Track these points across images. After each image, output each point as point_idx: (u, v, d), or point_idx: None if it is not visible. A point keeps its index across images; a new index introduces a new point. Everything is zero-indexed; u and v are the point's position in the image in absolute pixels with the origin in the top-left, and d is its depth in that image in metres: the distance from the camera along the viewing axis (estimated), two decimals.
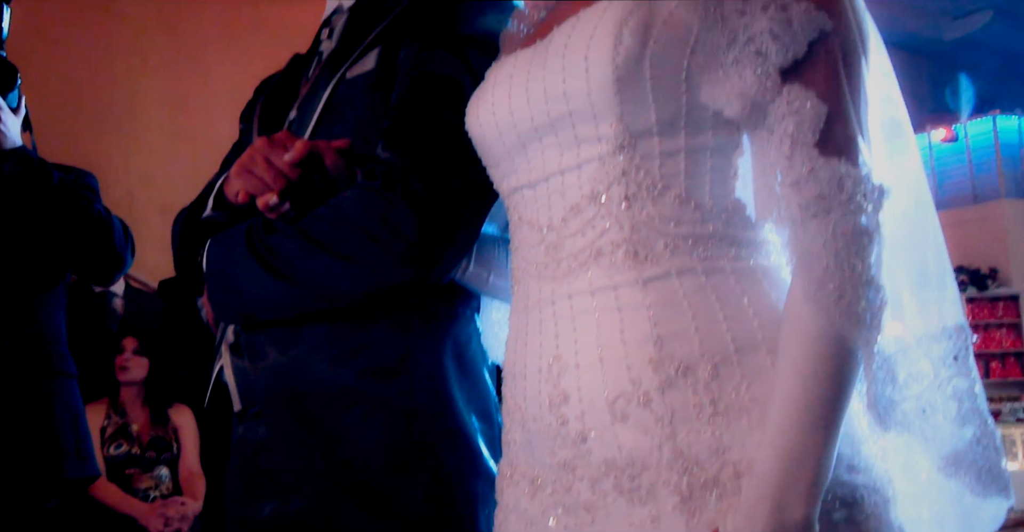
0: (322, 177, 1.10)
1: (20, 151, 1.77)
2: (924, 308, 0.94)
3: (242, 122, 1.43)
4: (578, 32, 0.89)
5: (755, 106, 0.83)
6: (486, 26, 1.17)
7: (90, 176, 2.04)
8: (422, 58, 1.14)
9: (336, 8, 1.33)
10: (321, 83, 1.23)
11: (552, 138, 0.92)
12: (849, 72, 0.84)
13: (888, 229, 0.83)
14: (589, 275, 0.89)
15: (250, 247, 1.12)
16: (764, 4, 0.83)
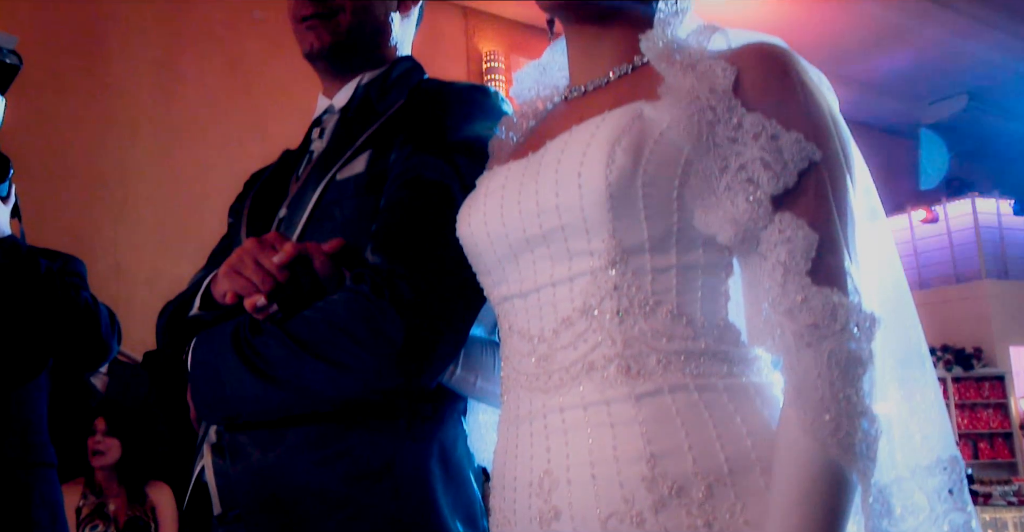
0: (311, 279, 1.10)
1: (8, 240, 1.76)
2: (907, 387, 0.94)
3: (231, 216, 1.43)
4: (571, 147, 0.90)
5: (747, 233, 0.85)
6: (475, 133, 1.19)
7: (77, 262, 2.03)
8: (412, 163, 1.15)
9: (327, 108, 1.35)
10: (311, 183, 1.24)
11: (544, 250, 0.93)
12: (837, 197, 0.86)
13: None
14: (581, 389, 0.88)
15: (236, 347, 1.11)
16: (755, 133, 0.85)
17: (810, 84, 0.90)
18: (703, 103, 0.86)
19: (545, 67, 1.18)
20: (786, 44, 0.94)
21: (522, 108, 1.17)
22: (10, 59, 1.78)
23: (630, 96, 0.94)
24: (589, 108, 0.98)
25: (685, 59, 0.92)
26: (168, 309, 1.30)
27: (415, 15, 1.41)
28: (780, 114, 0.86)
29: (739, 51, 0.92)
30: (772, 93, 0.87)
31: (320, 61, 1.32)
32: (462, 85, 1.28)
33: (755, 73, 0.88)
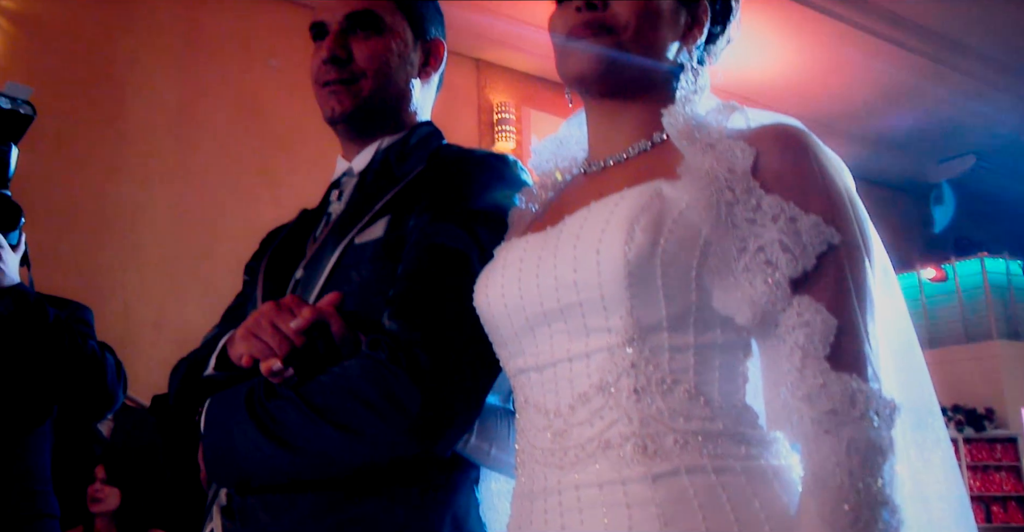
0: (327, 344, 1.10)
1: (17, 289, 1.77)
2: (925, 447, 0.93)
3: (247, 274, 1.44)
4: (590, 223, 0.91)
5: (766, 315, 0.85)
6: (495, 202, 1.20)
7: (85, 310, 2.04)
8: (431, 230, 1.16)
9: (346, 171, 1.37)
10: (329, 246, 1.24)
11: (561, 324, 0.93)
12: (856, 280, 0.86)
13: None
14: (597, 467, 0.88)
15: (250, 411, 1.11)
16: (774, 215, 0.85)
17: (828, 166, 0.91)
18: (722, 184, 0.87)
19: (563, 140, 1.20)
20: (803, 125, 0.96)
21: (541, 179, 1.18)
22: (24, 110, 1.82)
23: (649, 173, 0.95)
24: (608, 183, 0.99)
25: (705, 138, 0.93)
26: (182, 366, 1.30)
27: (435, 81, 1.43)
28: (799, 196, 0.87)
29: (758, 132, 0.93)
30: (790, 175, 0.88)
31: (341, 125, 1.34)
32: (481, 153, 1.29)
33: (774, 155, 0.89)
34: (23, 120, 1.80)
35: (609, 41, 1.00)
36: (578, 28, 1.01)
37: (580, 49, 1.01)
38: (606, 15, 1.01)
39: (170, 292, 4.37)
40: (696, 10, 1.07)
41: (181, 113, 4.57)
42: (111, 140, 4.33)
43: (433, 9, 1.42)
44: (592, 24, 1.00)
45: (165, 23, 4.56)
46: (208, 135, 4.63)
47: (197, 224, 4.51)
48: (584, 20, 1.01)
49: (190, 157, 4.56)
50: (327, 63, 1.31)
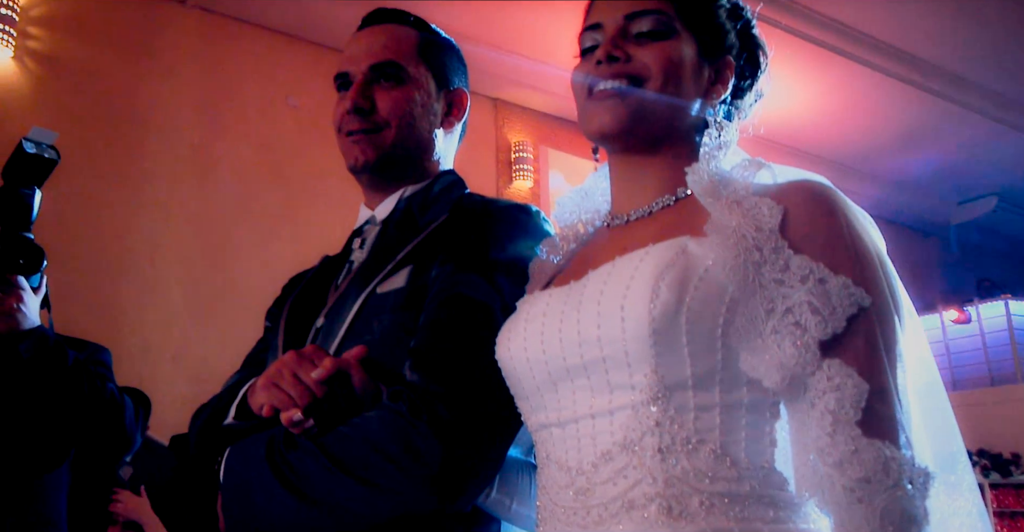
0: (348, 395, 1.10)
1: (37, 331, 1.79)
2: (951, 490, 0.92)
3: (268, 320, 1.44)
4: (615, 279, 0.91)
5: (794, 378, 0.84)
6: (517, 253, 1.20)
7: (104, 351, 2.04)
8: (454, 280, 1.16)
9: (369, 219, 1.37)
10: (351, 294, 1.24)
11: (584, 380, 0.92)
12: (887, 343, 0.85)
13: None
14: (620, 528, 0.87)
15: (270, 462, 1.10)
16: (802, 276, 0.84)
17: (857, 226, 0.90)
18: (749, 243, 0.86)
19: (587, 192, 1.20)
20: (830, 183, 0.95)
21: (563, 231, 1.18)
22: (49, 154, 1.84)
23: (674, 229, 0.95)
24: (632, 238, 0.99)
25: (731, 195, 0.93)
26: (203, 413, 1.30)
27: (458, 130, 1.44)
28: (828, 257, 0.86)
29: (785, 189, 0.93)
30: (819, 235, 0.87)
31: (364, 175, 1.35)
32: (504, 203, 1.29)
33: (802, 213, 0.89)
34: (47, 164, 1.83)
35: (631, 96, 1.01)
36: (600, 82, 1.02)
37: (603, 106, 1.01)
38: (629, 67, 1.02)
39: (189, 329, 4.38)
40: (720, 65, 1.07)
41: (201, 151, 4.61)
42: (133, 177, 4.37)
43: (456, 59, 1.43)
44: (615, 76, 1.01)
45: (187, 63, 4.63)
46: (228, 173, 4.67)
47: (216, 261, 4.53)
48: (607, 73, 1.01)
49: (210, 195, 4.60)
50: (351, 113, 1.32)
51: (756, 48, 1.14)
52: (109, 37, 4.41)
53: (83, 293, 4.04)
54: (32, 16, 4.19)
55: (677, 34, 1.04)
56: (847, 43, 5.33)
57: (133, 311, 4.28)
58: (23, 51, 4.13)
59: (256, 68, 4.84)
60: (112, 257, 4.26)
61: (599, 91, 1.02)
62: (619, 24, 1.04)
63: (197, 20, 4.67)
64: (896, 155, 6.80)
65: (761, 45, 1.14)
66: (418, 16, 1.42)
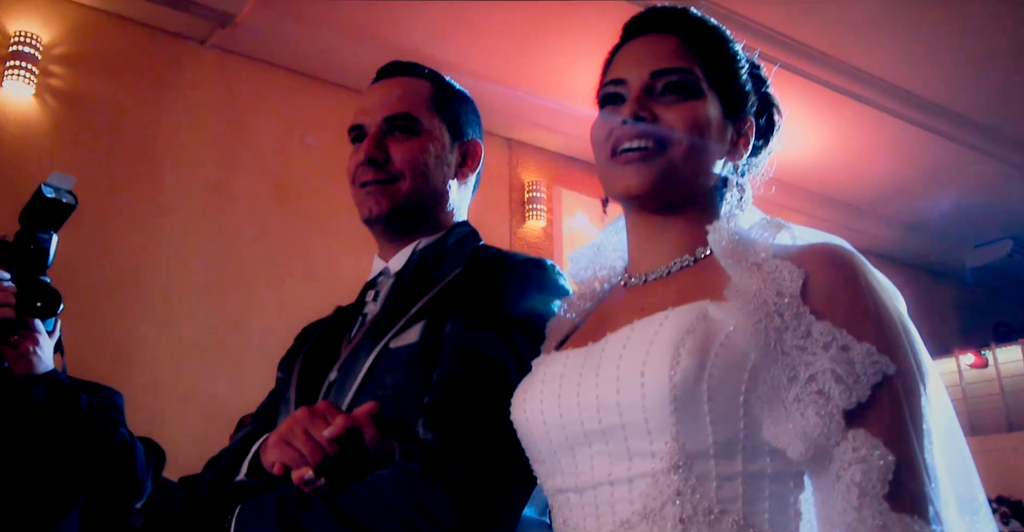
0: (360, 453, 1.08)
1: (51, 375, 1.78)
2: None
3: (280, 371, 1.42)
4: (634, 343, 0.89)
5: (819, 449, 0.81)
6: (532, 308, 1.19)
7: (116, 395, 2.03)
8: (468, 336, 1.15)
9: (383, 271, 1.36)
10: (364, 349, 1.23)
11: (602, 446, 0.90)
12: (913, 412, 0.83)
13: None
14: None
15: (281, 520, 1.08)
16: (825, 343, 0.83)
17: (879, 291, 0.89)
18: (770, 308, 0.85)
19: (600, 247, 1.19)
20: (851, 246, 0.94)
21: (580, 288, 1.16)
22: (67, 199, 1.85)
23: (694, 292, 0.93)
24: (651, 300, 0.97)
25: (751, 257, 0.91)
26: (214, 467, 1.28)
27: (472, 181, 1.43)
28: (850, 323, 0.84)
29: (806, 252, 0.91)
30: (841, 301, 0.86)
31: (378, 226, 1.34)
32: (519, 257, 1.28)
33: (823, 278, 0.87)
34: (65, 209, 1.84)
35: (658, 157, 1.00)
36: (626, 141, 1.01)
37: (630, 168, 1.00)
38: (655, 129, 1.00)
39: (200, 367, 4.37)
40: (742, 126, 1.07)
41: (217, 188, 4.65)
42: (150, 214, 4.40)
43: (470, 111, 1.43)
44: (641, 137, 1.00)
45: (205, 101, 4.68)
46: (244, 211, 4.69)
47: (230, 299, 4.54)
48: (633, 133, 1.00)
49: (225, 232, 4.62)
50: (365, 164, 1.32)
51: (772, 107, 1.14)
52: (129, 75, 4.47)
53: (96, 328, 4.05)
54: (54, 54, 4.25)
55: (703, 94, 1.03)
56: (862, 87, 5.35)
57: (145, 347, 4.29)
58: (44, 88, 4.19)
59: (273, 107, 4.89)
60: (126, 292, 4.27)
61: (624, 151, 1.01)
62: (645, 81, 1.03)
63: (216, 60, 4.73)
64: (912, 198, 6.79)
65: (776, 104, 1.15)
66: (432, 68, 1.42)
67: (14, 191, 3.66)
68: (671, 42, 1.05)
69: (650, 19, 1.09)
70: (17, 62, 4.03)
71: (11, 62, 4.03)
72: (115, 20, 4.43)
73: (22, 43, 4.06)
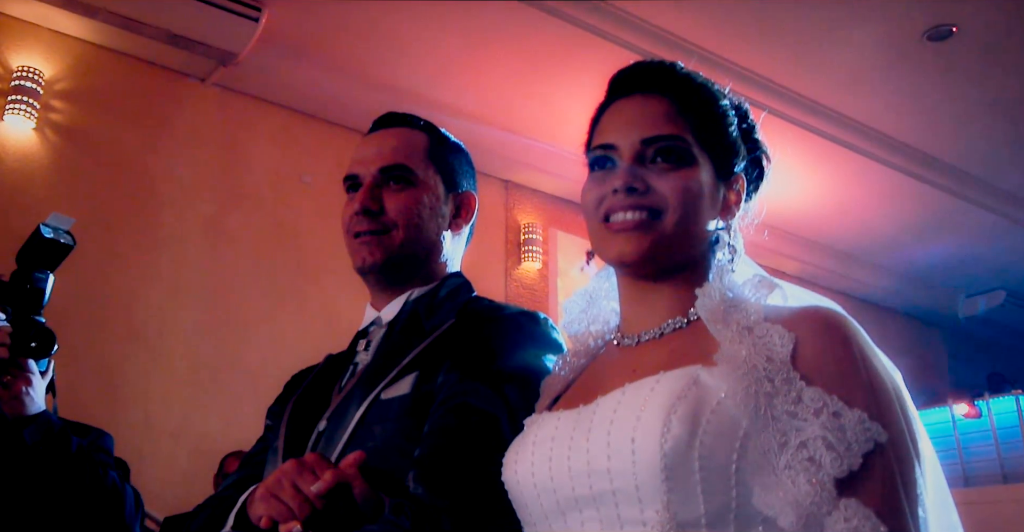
0: (349, 507, 1.07)
1: (43, 417, 1.77)
2: None
3: (269, 418, 1.42)
4: (625, 408, 0.89)
5: (810, 517, 0.80)
6: (525, 362, 1.19)
7: (106, 437, 2.02)
8: (460, 389, 1.14)
9: (375, 320, 1.36)
10: (355, 399, 1.23)
11: (593, 512, 0.89)
12: (905, 481, 0.82)
13: None
14: None
15: None
16: (816, 409, 0.82)
17: (872, 357, 0.88)
18: (760, 373, 0.84)
19: (592, 296, 1.18)
20: (843, 310, 0.94)
21: (574, 343, 1.16)
22: (65, 239, 1.86)
23: (685, 355, 0.93)
24: (643, 361, 0.97)
25: (742, 319, 0.91)
26: (200, 516, 1.27)
27: (466, 233, 1.44)
28: (842, 390, 0.83)
29: (797, 316, 0.91)
30: (833, 366, 0.85)
31: (371, 275, 1.35)
32: (512, 310, 1.29)
33: (814, 343, 0.86)
34: (63, 249, 1.85)
35: (652, 228, 0.99)
36: (619, 212, 1.00)
37: (622, 236, 1.00)
38: (648, 200, 1.00)
39: (192, 402, 4.33)
40: (734, 183, 1.06)
41: (215, 225, 4.65)
42: (146, 249, 4.39)
43: (465, 163, 1.44)
44: (634, 208, 0.99)
45: (205, 138, 4.70)
46: (239, 247, 4.69)
47: (223, 335, 4.52)
48: (626, 204, 0.99)
49: (220, 268, 4.61)
50: (359, 214, 1.33)
51: (760, 153, 1.12)
52: (130, 111, 4.49)
53: (88, 361, 4.03)
54: (56, 90, 4.28)
55: (695, 160, 1.02)
56: (853, 136, 5.41)
57: (136, 383, 4.25)
58: (45, 123, 4.21)
59: (272, 145, 4.92)
60: (119, 326, 4.25)
61: (618, 221, 1.00)
62: (636, 149, 1.02)
63: (216, 97, 4.76)
64: (904, 247, 6.82)
65: (765, 150, 1.13)
66: (428, 120, 1.44)
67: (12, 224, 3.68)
68: (661, 105, 1.04)
69: (638, 78, 1.08)
70: (19, 96, 4.06)
71: (12, 96, 4.05)
72: (117, 57, 4.47)
73: (24, 77, 4.09)
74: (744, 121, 1.12)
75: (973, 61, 4.72)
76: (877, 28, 4.47)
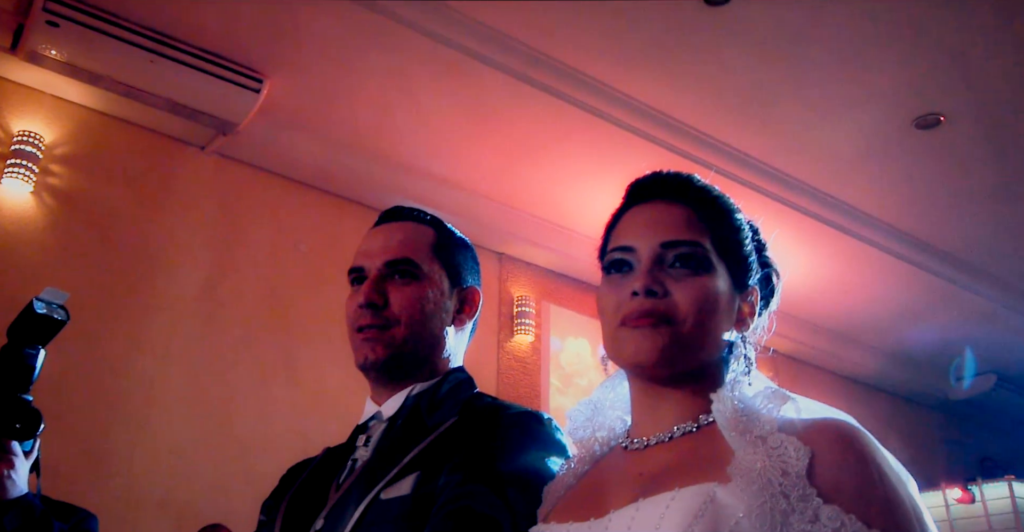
0: None
1: (24, 501, 1.72)
2: None
3: (263, 513, 1.39)
4: (639, 526, 0.87)
5: None
6: (528, 464, 1.17)
7: (91, 519, 1.97)
8: (462, 491, 1.12)
9: (375, 415, 1.34)
10: (353, 498, 1.20)
11: None
12: None
13: None
14: None
15: None
16: (834, 529, 0.81)
17: (890, 474, 0.87)
18: (776, 489, 0.83)
19: (597, 405, 1.17)
20: (858, 424, 0.93)
21: (579, 449, 1.15)
22: (58, 315, 1.83)
23: (697, 465, 0.91)
24: (652, 468, 0.96)
25: (756, 429, 0.90)
26: None
27: (469, 328, 1.43)
28: (860, 508, 0.82)
29: (812, 429, 0.90)
30: (850, 484, 0.84)
31: (372, 372, 1.33)
32: (515, 410, 1.27)
33: (831, 458, 0.85)
34: (55, 325, 1.82)
35: (668, 333, 0.99)
36: (636, 316, 1.00)
37: (639, 337, 0.99)
38: (666, 305, 1.00)
39: (176, 475, 4.25)
40: (748, 295, 1.07)
41: (209, 292, 4.63)
42: (138, 315, 4.36)
43: (470, 258, 1.45)
44: (652, 313, 0.99)
45: (201, 205, 4.71)
46: (231, 315, 4.66)
47: (212, 404, 4.46)
48: (644, 309, 0.99)
49: (211, 335, 4.58)
50: (363, 307, 1.32)
51: (771, 270, 1.14)
52: (128, 177, 4.52)
53: (74, 428, 3.96)
54: (55, 154, 4.30)
55: (713, 268, 1.03)
56: (848, 221, 5.49)
57: (122, 450, 4.18)
58: (42, 187, 4.22)
59: (268, 213, 4.93)
60: (107, 393, 4.19)
61: (634, 325, 1.00)
62: (656, 251, 1.03)
63: (214, 165, 4.79)
64: (894, 329, 6.85)
65: (775, 267, 1.15)
66: (434, 214, 1.44)
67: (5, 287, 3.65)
68: (681, 212, 1.05)
69: (658, 186, 1.10)
70: (17, 160, 4.07)
71: (12, 160, 4.07)
72: (118, 123, 4.51)
73: (24, 142, 4.11)
74: (756, 236, 1.14)
75: (961, 149, 4.82)
76: (868, 115, 4.56)
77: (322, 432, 1.52)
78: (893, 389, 7.69)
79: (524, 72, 4.25)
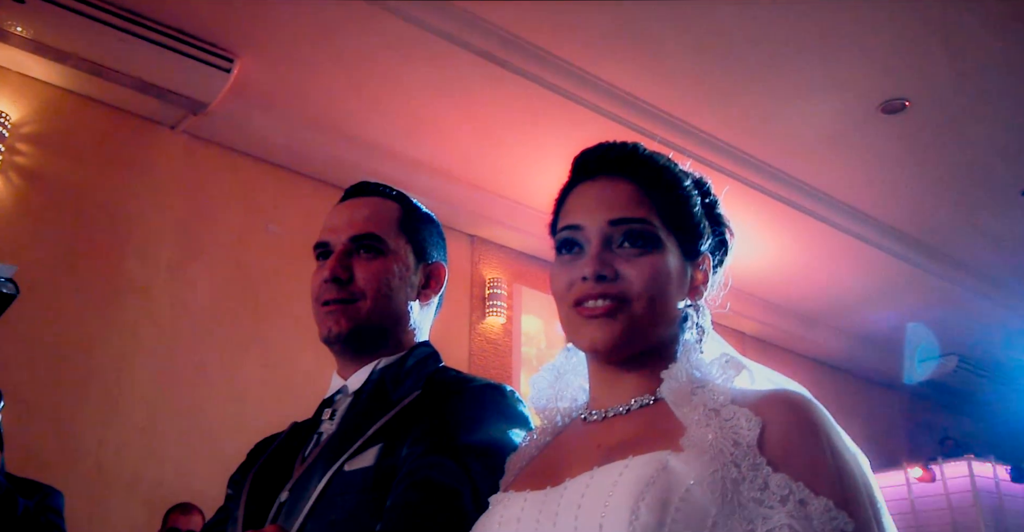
0: None
1: None
2: None
3: (230, 487, 1.40)
4: (593, 492, 0.88)
5: None
6: (490, 436, 1.19)
7: (56, 496, 1.97)
8: (423, 462, 1.14)
9: (341, 389, 1.36)
10: (318, 470, 1.22)
11: None
12: None
13: None
14: None
15: None
16: (782, 496, 0.82)
17: (839, 444, 0.88)
18: (727, 458, 0.85)
19: (560, 371, 1.17)
20: (811, 395, 0.95)
21: (541, 419, 1.16)
22: (7, 289, 1.81)
23: (653, 436, 0.93)
24: (608, 437, 0.97)
25: (709, 402, 0.92)
26: None
27: (435, 303, 1.45)
28: (808, 477, 0.83)
29: (764, 400, 0.92)
30: (799, 453, 0.86)
31: (337, 345, 1.35)
32: (479, 383, 1.29)
33: (781, 428, 0.87)
34: (5, 299, 1.80)
35: (622, 313, 0.99)
36: (589, 299, 1.00)
37: (594, 324, 1.00)
38: (617, 287, 1.00)
39: (146, 453, 4.25)
40: (700, 264, 1.08)
41: (178, 272, 4.61)
42: (107, 294, 4.33)
43: (436, 233, 1.46)
44: (604, 296, 0.99)
45: (171, 184, 4.68)
46: (201, 295, 4.65)
47: (182, 383, 4.45)
48: (596, 292, 1.00)
49: (181, 315, 4.56)
50: (328, 282, 1.33)
51: (723, 228, 1.13)
52: (96, 156, 4.47)
53: (43, 408, 3.94)
54: (22, 133, 4.25)
55: (662, 244, 1.03)
56: (814, 204, 5.56)
57: (92, 430, 4.16)
58: (9, 165, 4.17)
59: (238, 194, 4.91)
60: (77, 373, 4.17)
61: (588, 309, 1.00)
62: (604, 231, 1.03)
63: (184, 145, 4.76)
64: (858, 312, 6.95)
65: (727, 225, 1.14)
66: (400, 190, 1.46)
67: None
68: (627, 188, 1.05)
69: (601, 160, 1.09)
70: None
71: None
72: (86, 102, 4.45)
73: None
74: (707, 197, 1.13)
75: (926, 134, 4.88)
76: (834, 99, 4.61)
77: (293, 412, 1.53)
78: (858, 371, 7.82)
79: (495, 54, 4.25)
